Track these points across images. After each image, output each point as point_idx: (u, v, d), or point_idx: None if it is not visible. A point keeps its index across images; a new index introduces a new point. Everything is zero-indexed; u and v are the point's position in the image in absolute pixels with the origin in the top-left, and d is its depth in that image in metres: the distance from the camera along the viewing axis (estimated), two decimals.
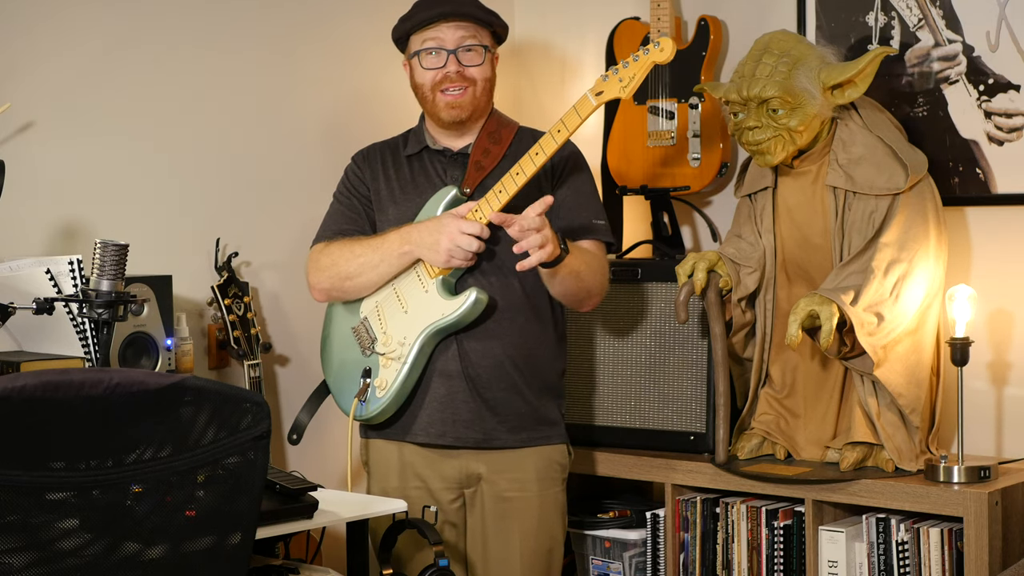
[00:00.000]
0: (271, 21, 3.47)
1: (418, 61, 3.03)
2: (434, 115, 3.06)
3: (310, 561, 2.96)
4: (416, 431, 3.04)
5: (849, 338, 3.00)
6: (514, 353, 3.02)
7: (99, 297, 2.62)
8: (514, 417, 3.04)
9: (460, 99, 3.01)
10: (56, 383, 1.83)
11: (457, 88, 3.01)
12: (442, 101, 3.02)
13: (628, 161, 3.69)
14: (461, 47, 3.01)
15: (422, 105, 3.09)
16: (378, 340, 3.00)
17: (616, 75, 2.92)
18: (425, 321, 2.96)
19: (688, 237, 3.74)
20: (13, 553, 1.83)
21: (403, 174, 3.10)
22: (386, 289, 3.02)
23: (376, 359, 3.01)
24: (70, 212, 3.07)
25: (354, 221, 3.09)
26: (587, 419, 3.47)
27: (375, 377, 2.99)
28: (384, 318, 3.01)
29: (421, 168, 3.10)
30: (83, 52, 3.10)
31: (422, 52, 3.01)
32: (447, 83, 3.01)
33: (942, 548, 2.96)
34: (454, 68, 3.00)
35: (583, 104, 2.91)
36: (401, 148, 3.14)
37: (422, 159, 3.11)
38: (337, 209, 3.13)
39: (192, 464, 1.96)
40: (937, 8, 3.29)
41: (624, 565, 3.41)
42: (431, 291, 2.97)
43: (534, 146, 2.92)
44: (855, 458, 3.09)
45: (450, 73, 3.00)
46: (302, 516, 2.56)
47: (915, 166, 3.09)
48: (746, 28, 3.56)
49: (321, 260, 3.05)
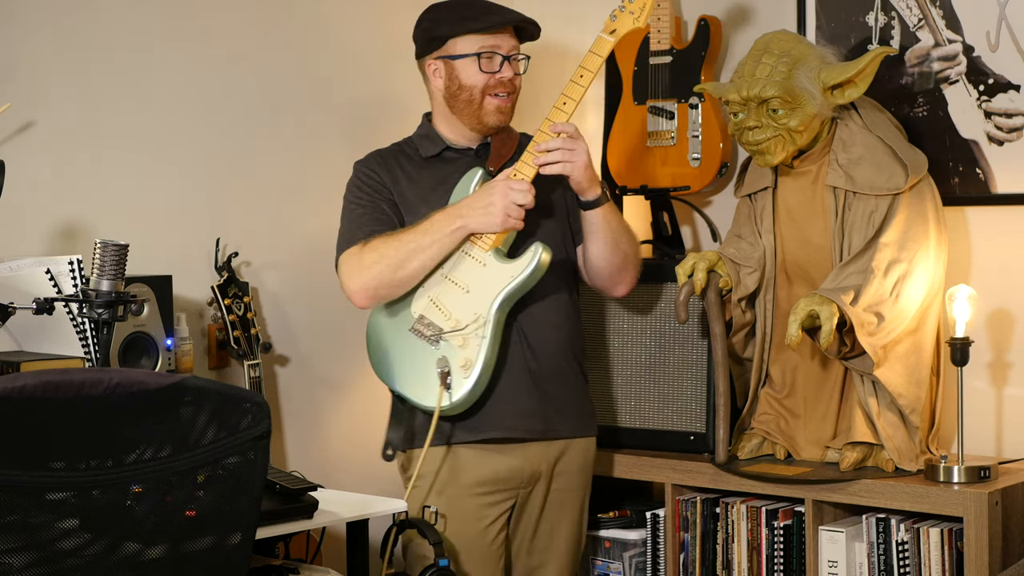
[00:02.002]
0: (273, 21, 3.47)
1: (473, 63, 3.03)
2: (476, 118, 3.06)
3: (310, 561, 2.96)
4: (486, 427, 3.00)
5: (849, 338, 3.00)
6: (565, 343, 3.08)
7: (99, 297, 2.62)
8: (566, 407, 3.10)
9: (507, 104, 3.07)
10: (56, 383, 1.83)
11: (505, 93, 3.05)
12: (491, 105, 3.05)
13: (628, 161, 3.69)
14: (512, 55, 3.07)
15: (462, 107, 3.06)
16: (444, 327, 2.94)
17: (625, 11, 2.97)
18: (494, 290, 2.93)
19: (688, 237, 3.74)
20: (13, 553, 1.83)
21: (427, 175, 3.09)
22: (436, 281, 2.96)
23: (448, 345, 2.93)
24: (70, 212, 3.07)
25: (384, 222, 3.03)
26: None
27: (455, 361, 2.92)
28: (444, 306, 2.95)
29: (445, 167, 3.09)
30: (83, 52, 3.10)
31: (481, 55, 3.02)
32: (499, 88, 3.04)
33: (942, 548, 2.96)
34: (509, 74, 3.05)
35: (601, 44, 2.97)
36: (414, 152, 3.12)
37: (444, 160, 3.11)
38: (361, 213, 3.05)
39: (192, 464, 1.96)
40: (937, 8, 3.29)
41: (624, 565, 3.41)
42: (490, 263, 2.94)
43: (559, 97, 2.97)
44: (855, 458, 3.09)
45: (504, 78, 3.04)
46: (302, 516, 2.57)
47: (915, 166, 3.09)
48: (746, 28, 3.57)
49: (364, 259, 2.95)
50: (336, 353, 3.56)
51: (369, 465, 3.42)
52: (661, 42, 3.60)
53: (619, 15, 2.99)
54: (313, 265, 3.48)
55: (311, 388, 3.53)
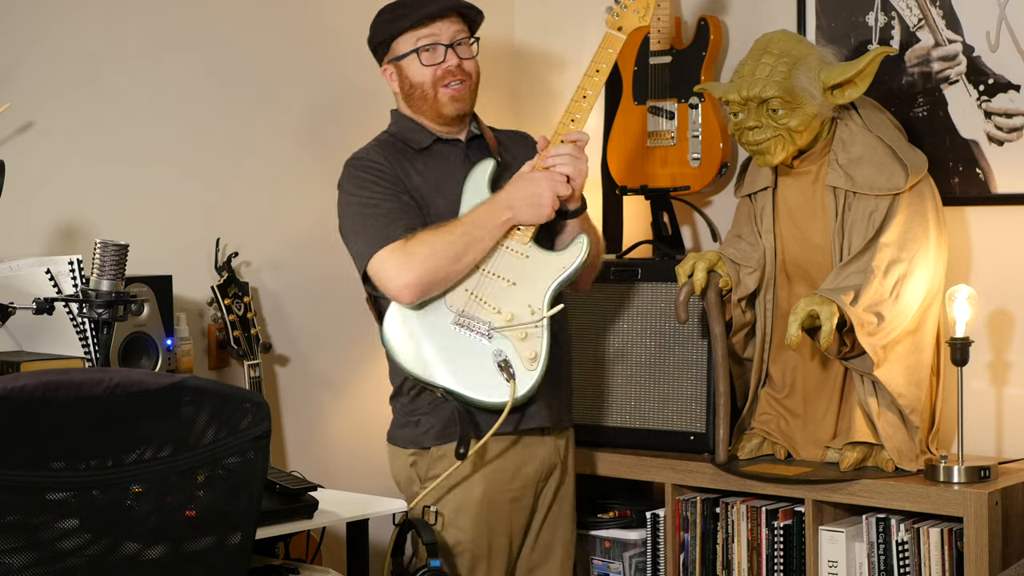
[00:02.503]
0: (273, 21, 3.47)
1: (415, 60, 3.01)
2: (435, 112, 3.03)
3: (310, 561, 2.96)
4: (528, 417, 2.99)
5: (849, 338, 3.00)
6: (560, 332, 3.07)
7: (99, 297, 2.62)
8: (565, 396, 3.12)
9: (462, 92, 3.02)
10: (56, 383, 1.83)
11: (458, 81, 3.01)
12: (445, 95, 3.01)
13: (628, 161, 3.69)
14: (455, 41, 3.02)
15: (419, 105, 3.04)
16: (492, 320, 2.90)
17: (628, 9, 3.00)
18: (545, 282, 2.92)
19: (688, 237, 3.74)
20: (13, 553, 1.83)
21: (431, 166, 3.04)
22: (471, 274, 2.92)
23: (503, 339, 2.90)
24: (70, 212, 3.07)
25: (415, 215, 2.94)
26: (587, 419, 3.47)
27: (518, 351, 2.89)
28: (486, 299, 2.91)
29: (444, 158, 3.06)
30: (83, 52, 3.10)
31: (420, 50, 3.00)
32: (448, 77, 3.01)
33: (942, 548, 2.96)
34: (455, 62, 3.01)
35: (613, 41, 3.00)
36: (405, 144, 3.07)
37: (440, 151, 3.07)
38: (390, 208, 2.94)
39: (192, 464, 1.96)
40: (937, 8, 3.29)
41: (624, 565, 3.41)
42: (533, 256, 2.93)
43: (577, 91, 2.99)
44: (855, 458, 3.09)
45: (451, 67, 3.00)
46: (302, 516, 2.57)
47: (915, 166, 3.09)
48: (746, 28, 3.56)
49: (415, 253, 2.85)
50: (336, 353, 3.56)
51: (369, 465, 3.42)
52: (661, 42, 3.60)
53: (621, 13, 2.99)
54: (313, 265, 3.48)
55: (311, 388, 3.53)
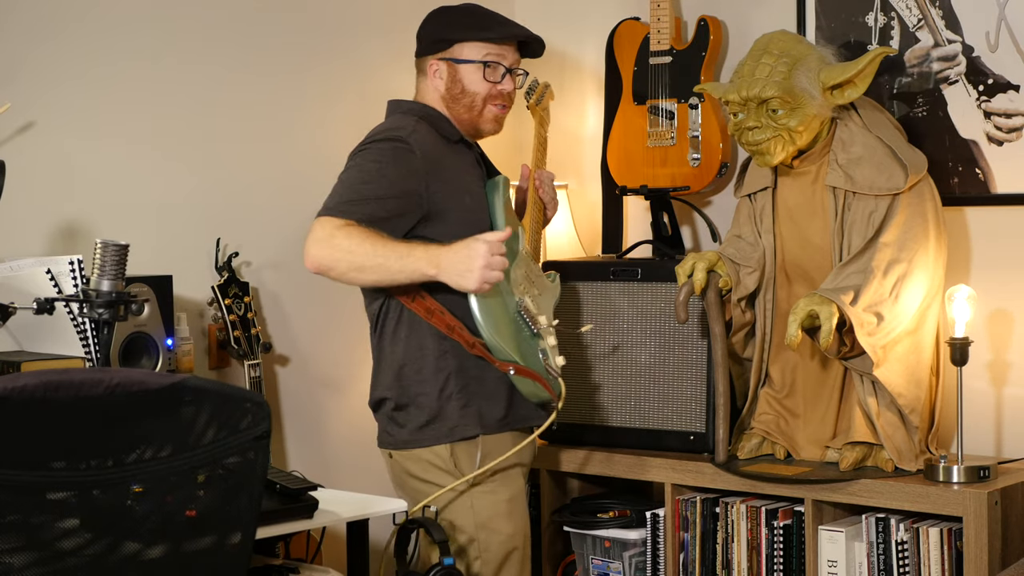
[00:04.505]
0: (272, 22, 3.47)
1: (478, 70, 3.04)
2: (473, 124, 3.08)
3: (310, 561, 2.96)
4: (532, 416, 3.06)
5: (849, 338, 3.00)
6: None
7: (99, 297, 2.62)
8: None
9: (503, 115, 3.11)
10: (56, 383, 1.83)
11: (503, 105, 3.09)
12: (491, 114, 3.08)
13: (628, 161, 3.69)
14: (513, 69, 3.10)
15: (461, 111, 3.06)
16: (540, 322, 3.04)
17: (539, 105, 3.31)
18: (551, 300, 3.18)
19: (688, 237, 3.74)
20: (13, 553, 1.83)
21: (457, 161, 3.07)
22: (520, 273, 3.05)
23: (544, 340, 3.04)
24: (70, 212, 3.07)
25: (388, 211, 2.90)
26: (587, 419, 3.47)
27: (551, 355, 3.03)
28: (536, 301, 3.07)
29: (462, 157, 3.09)
30: (83, 52, 3.10)
31: (487, 64, 3.04)
32: (500, 99, 3.08)
33: (942, 548, 2.96)
34: (510, 87, 3.10)
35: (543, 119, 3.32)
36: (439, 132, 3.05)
37: (461, 149, 3.10)
38: (374, 188, 2.90)
39: (192, 464, 1.96)
40: (937, 8, 3.29)
41: (624, 565, 3.41)
42: (542, 276, 3.19)
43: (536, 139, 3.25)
44: (855, 458, 3.09)
45: (506, 91, 3.08)
46: (302, 516, 2.57)
47: (915, 166, 3.09)
48: (746, 28, 3.57)
49: (337, 240, 2.83)
50: (336, 353, 3.57)
51: (369, 465, 3.42)
52: (661, 42, 3.61)
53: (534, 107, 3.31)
54: None
55: (311, 388, 3.53)
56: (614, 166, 3.72)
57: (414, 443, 2.98)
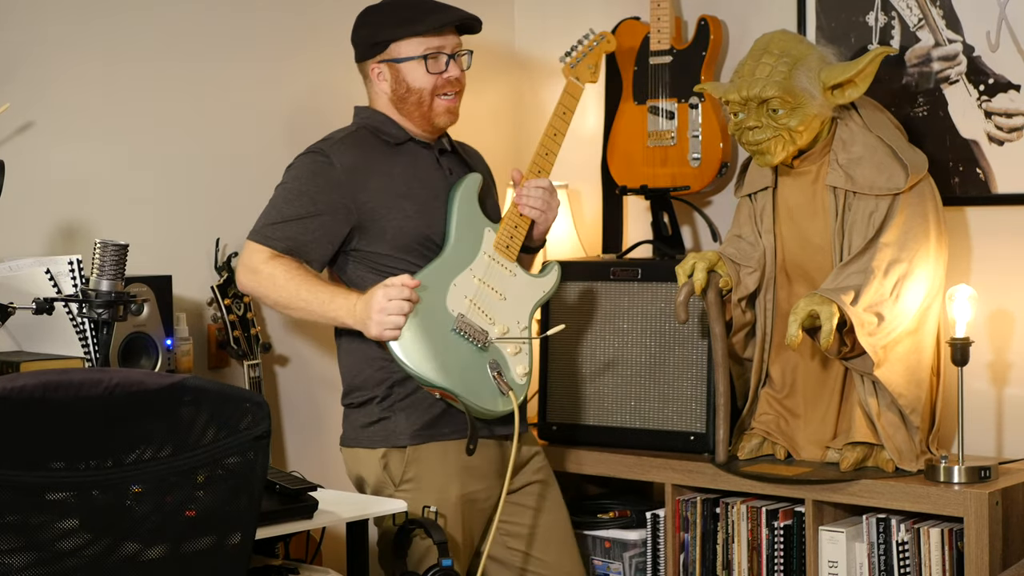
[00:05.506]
0: (270, 22, 3.47)
1: (419, 66, 2.99)
2: (426, 119, 3.02)
3: (310, 561, 2.96)
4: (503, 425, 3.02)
5: (849, 338, 3.00)
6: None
7: (99, 297, 2.62)
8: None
9: (454, 104, 3.04)
10: (56, 383, 1.83)
11: (453, 93, 3.03)
12: (441, 106, 3.01)
13: (628, 161, 3.69)
14: (455, 53, 3.03)
15: (410, 109, 3.02)
16: (489, 331, 2.96)
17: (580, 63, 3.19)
18: (529, 302, 3.05)
19: (688, 237, 3.74)
20: (13, 553, 1.83)
21: (404, 165, 3.02)
22: (469, 281, 2.96)
23: (497, 349, 2.96)
24: (70, 212, 3.07)
25: (313, 236, 2.91)
26: (587, 419, 3.47)
27: (510, 364, 2.97)
28: (486, 310, 2.96)
29: (416, 158, 3.04)
30: (83, 52, 3.10)
31: (427, 57, 2.99)
32: (447, 87, 3.01)
33: (942, 548, 2.96)
34: (456, 73, 3.02)
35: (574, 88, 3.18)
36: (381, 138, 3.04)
37: (412, 150, 3.05)
38: (296, 211, 2.92)
39: (192, 464, 1.96)
40: (937, 8, 3.29)
41: (624, 565, 3.41)
42: (519, 275, 3.05)
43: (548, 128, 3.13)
44: (855, 458, 3.09)
45: (451, 78, 3.01)
46: (302, 516, 2.57)
47: (915, 166, 3.09)
48: (746, 28, 3.57)
49: (261, 272, 2.88)
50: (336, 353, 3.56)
51: None
52: (661, 42, 3.60)
53: (577, 64, 3.20)
54: None
55: (311, 388, 3.53)
56: (614, 166, 3.72)
57: (353, 441, 3.03)
